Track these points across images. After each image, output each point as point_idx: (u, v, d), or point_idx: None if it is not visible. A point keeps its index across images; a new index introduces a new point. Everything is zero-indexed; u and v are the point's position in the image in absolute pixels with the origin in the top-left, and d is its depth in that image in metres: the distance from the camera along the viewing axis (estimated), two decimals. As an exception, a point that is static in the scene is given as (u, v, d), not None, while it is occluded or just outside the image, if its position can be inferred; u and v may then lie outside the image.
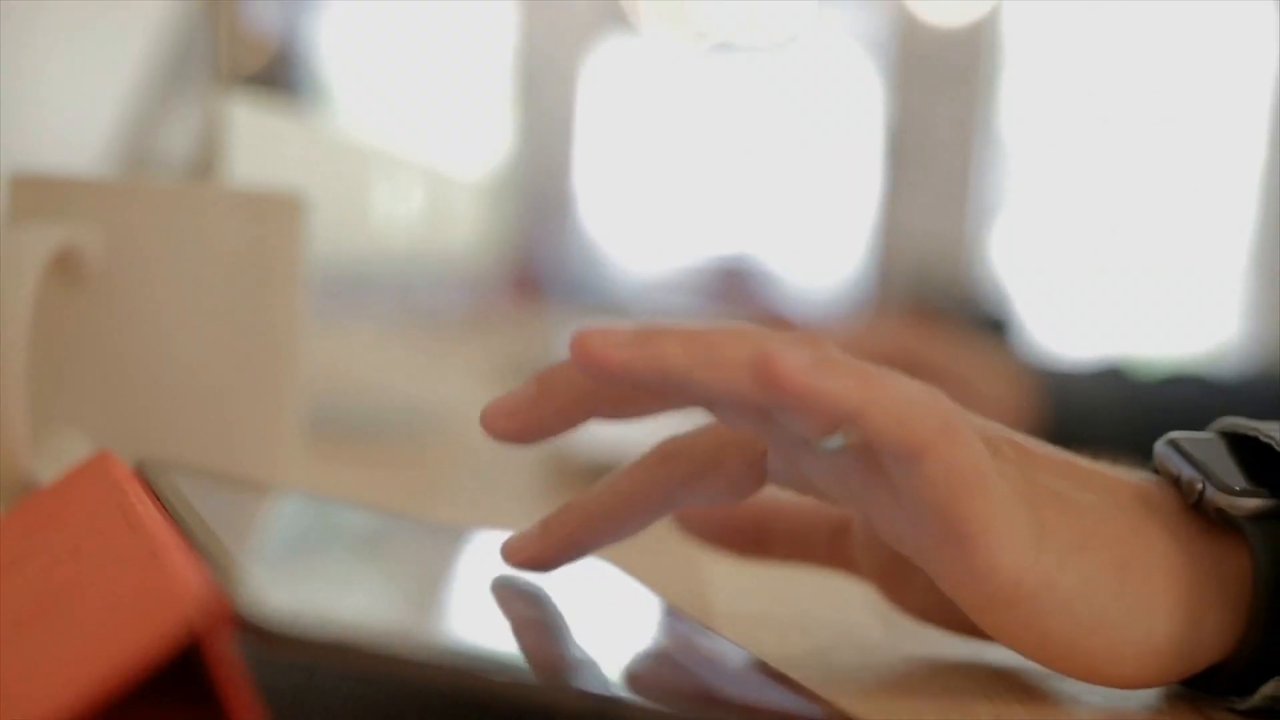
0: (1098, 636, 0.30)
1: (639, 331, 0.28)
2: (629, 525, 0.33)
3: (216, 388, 0.40)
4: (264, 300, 0.40)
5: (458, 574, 0.32)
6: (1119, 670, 0.31)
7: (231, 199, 0.40)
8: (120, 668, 0.19)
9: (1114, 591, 0.30)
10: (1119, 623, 0.30)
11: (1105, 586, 0.30)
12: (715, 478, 0.33)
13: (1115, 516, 0.31)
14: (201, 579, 0.21)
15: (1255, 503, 0.30)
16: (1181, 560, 0.31)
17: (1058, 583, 0.30)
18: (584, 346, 0.28)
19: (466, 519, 0.51)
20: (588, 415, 0.31)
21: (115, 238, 0.38)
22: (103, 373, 0.39)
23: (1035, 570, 0.30)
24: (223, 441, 0.40)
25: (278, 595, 0.22)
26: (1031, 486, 0.31)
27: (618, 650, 0.28)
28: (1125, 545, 0.31)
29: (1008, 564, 0.29)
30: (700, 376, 0.28)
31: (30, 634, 0.22)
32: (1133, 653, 0.30)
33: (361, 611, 0.23)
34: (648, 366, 0.28)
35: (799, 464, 0.32)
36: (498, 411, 0.31)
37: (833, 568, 0.38)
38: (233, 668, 0.20)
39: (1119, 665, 0.31)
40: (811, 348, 0.29)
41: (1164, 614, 0.30)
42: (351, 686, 0.24)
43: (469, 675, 0.22)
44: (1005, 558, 0.29)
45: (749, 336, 0.28)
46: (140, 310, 0.39)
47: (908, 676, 0.35)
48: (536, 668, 0.23)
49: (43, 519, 0.30)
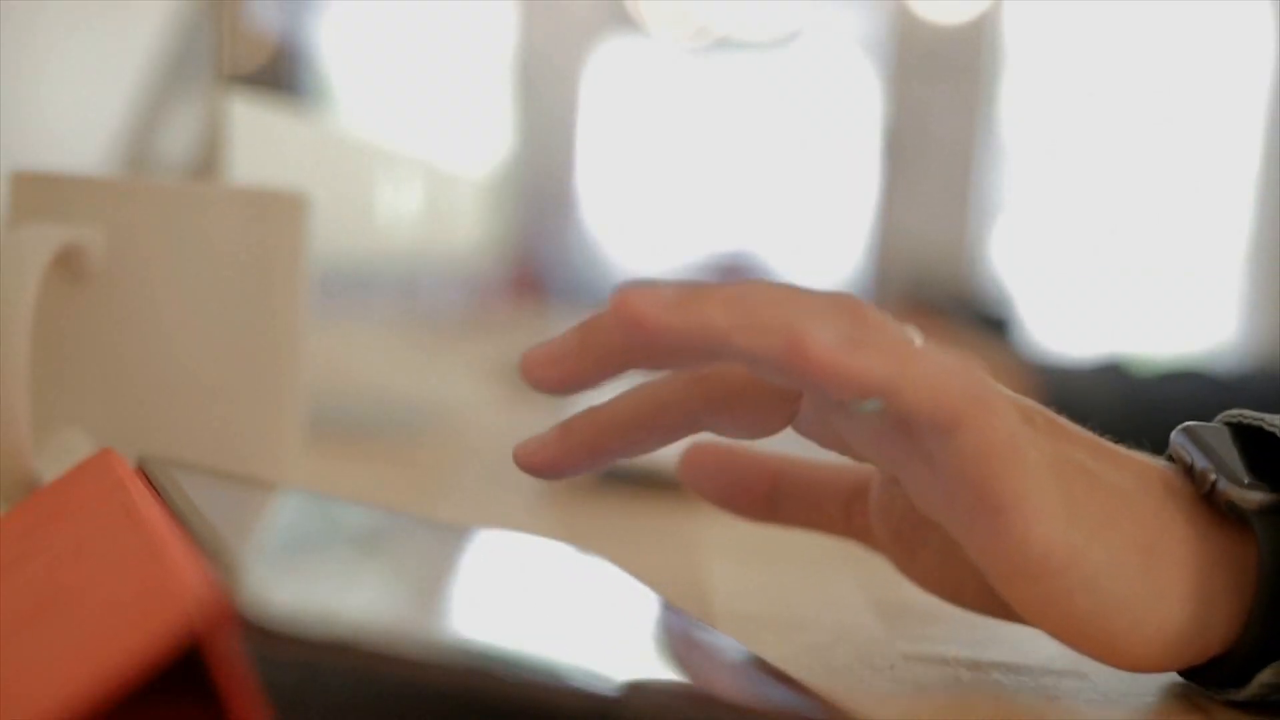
0: (1119, 615, 0.30)
1: (680, 292, 0.29)
2: (650, 439, 0.32)
3: (218, 386, 0.40)
4: (266, 299, 0.41)
5: (461, 572, 0.32)
6: (1135, 651, 0.31)
7: (233, 198, 0.40)
8: (121, 667, 0.19)
9: (1139, 571, 0.30)
10: (1140, 603, 0.31)
11: (1131, 565, 0.30)
12: (743, 408, 0.32)
13: (1142, 498, 0.31)
14: (203, 577, 0.22)
15: (1260, 496, 0.31)
16: (1199, 547, 0.31)
17: (1085, 558, 0.30)
18: (626, 306, 0.28)
19: (467, 519, 0.51)
20: (628, 367, 0.30)
21: (117, 237, 0.38)
22: (104, 371, 0.39)
23: (1065, 544, 0.30)
24: (224, 440, 0.40)
25: (280, 593, 0.22)
26: (1062, 460, 0.31)
27: (619, 649, 0.28)
28: (1150, 527, 0.31)
29: (1038, 536, 0.29)
30: (739, 341, 0.28)
31: (31, 633, 0.22)
32: (1151, 634, 0.31)
33: (364, 610, 0.23)
34: (687, 329, 0.28)
35: (833, 421, 0.32)
36: (538, 360, 0.30)
37: (844, 535, 0.38)
38: (234, 666, 0.20)
39: (1136, 646, 0.31)
40: (849, 315, 0.29)
41: (1181, 598, 0.31)
42: (354, 685, 0.24)
43: (472, 674, 0.22)
44: (1036, 529, 0.29)
45: (788, 302, 0.29)
46: (142, 309, 0.39)
47: (907, 675, 0.35)
48: (539, 667, 0.23)
49: (44, 518, 0.31)
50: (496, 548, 0.36)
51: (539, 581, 0.33)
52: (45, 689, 0.20)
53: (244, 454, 0.40)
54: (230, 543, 0.25)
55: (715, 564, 0.47)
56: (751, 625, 0.39)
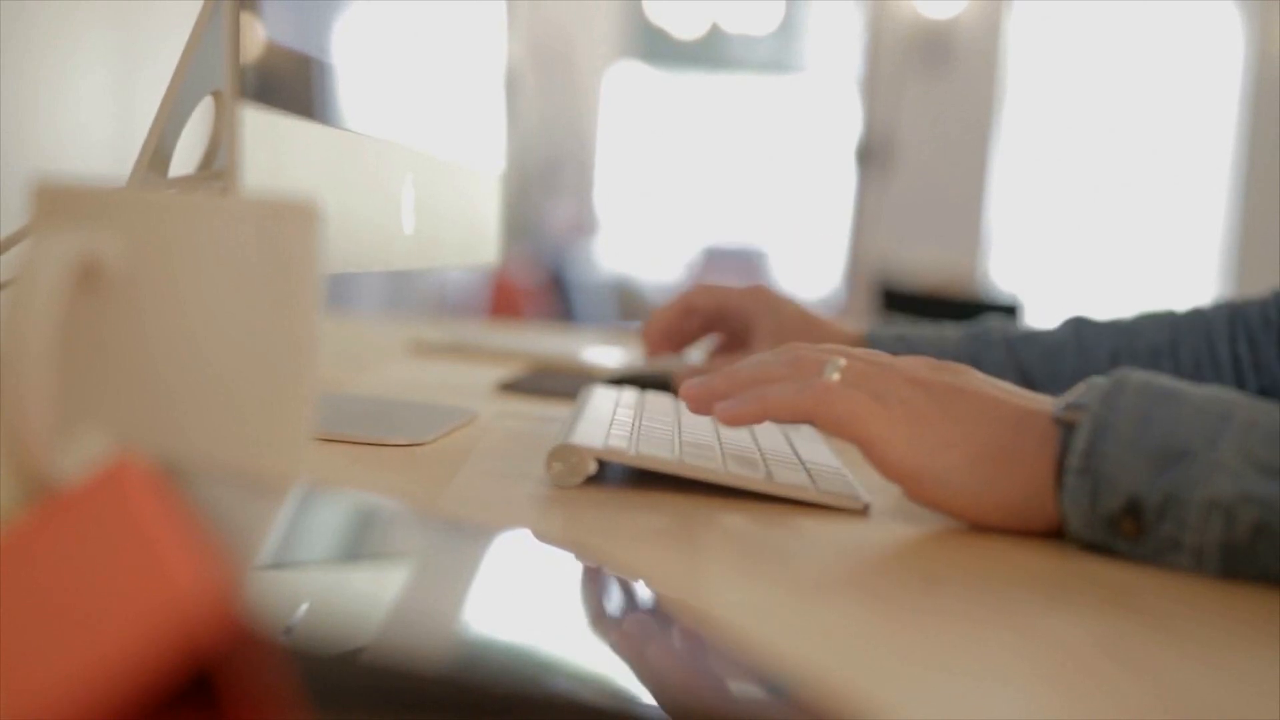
0: (965, 496, 0.54)
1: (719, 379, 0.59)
2: None
3: (234, 389, 0.41)
4: (280, 304, 0.42)
5: (470, 576, 0.33)
6: (985, 517, 0.54)
7: (248, 206, 0.41)
8: (119, 673, 0.20)
9: (969, 471, 0.54)
10: (977, 488, 0.54)
11: (962, 468, 0.54)
12: None
13: (981, 427, 0.54)
14: (212, 583, 0.22)
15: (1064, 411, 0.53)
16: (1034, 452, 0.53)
17: (929, 467, 0.54)
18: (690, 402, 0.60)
19: (468, 518, 0.52)
20: None
21: (135, 245, 0.39)
22: (123, 375, 0.40)
23: (912, 460, 0.54)
24: (239, 441, 0.41)
25: (289, 597, 0.22)
26: (911, 417, 0.55)
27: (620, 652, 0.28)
28: (984, 444, 0.54)
29: (894, 459, 0.54)
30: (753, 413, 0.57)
31: (35, 635, 0.23)
32: (990, 508, 0.54)
33: (374, 615, 0.23)
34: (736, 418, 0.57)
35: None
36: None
37: None
38: (242, 672, 0.20)
39: (984, 513, 0.54)
40: (797, 370, 0.58)
41: (1009, 486, 0.54)
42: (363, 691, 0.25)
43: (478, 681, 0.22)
44: (891, 455, 0.54)
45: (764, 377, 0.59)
46: (160, 315, 0.40)
47: (904, 670, 0.36)
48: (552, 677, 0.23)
49: (59, 521, 0.31)
50: (502, 549, 0.37)
51: (547, 586, 0.34)
52: (44, 689, 0.20)
53: (258, 455, 0.41)
54: (243, 546, 0.26)
55: (715, 564, 0.47)
56: (750, 623, 0.39)
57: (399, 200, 0.71)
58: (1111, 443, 0.51)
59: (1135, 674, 0.37)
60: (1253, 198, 4.57)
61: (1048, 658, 0.38)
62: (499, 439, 0.71)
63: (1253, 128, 4.58)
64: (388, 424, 0.71)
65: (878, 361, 0.58)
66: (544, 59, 5.01)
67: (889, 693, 0.34)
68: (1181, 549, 0.49)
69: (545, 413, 0.83)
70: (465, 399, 0.86)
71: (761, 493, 0.58)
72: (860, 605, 0.43)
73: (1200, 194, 4.76)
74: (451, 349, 1.21)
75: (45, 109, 0.96)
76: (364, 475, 0.59)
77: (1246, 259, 4.55)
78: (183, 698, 0.22)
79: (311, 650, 0.21)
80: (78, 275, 0.39)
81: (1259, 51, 4.58)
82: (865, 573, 0.48)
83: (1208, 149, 4.75)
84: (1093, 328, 0.84)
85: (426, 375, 1.02)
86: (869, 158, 4.52)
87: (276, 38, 0.56)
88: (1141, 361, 0.80)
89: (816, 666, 0.35)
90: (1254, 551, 0.48)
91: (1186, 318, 0.83)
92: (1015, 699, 0.35)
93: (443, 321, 1.80)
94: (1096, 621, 0.43)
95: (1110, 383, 0.53)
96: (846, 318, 4.10)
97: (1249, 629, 0.44)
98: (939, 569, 0.49)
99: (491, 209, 0.93)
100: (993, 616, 0.42)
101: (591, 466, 0.58)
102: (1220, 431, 0.49)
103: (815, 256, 5.32)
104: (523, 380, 0.97)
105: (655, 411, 0.72)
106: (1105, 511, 0.51)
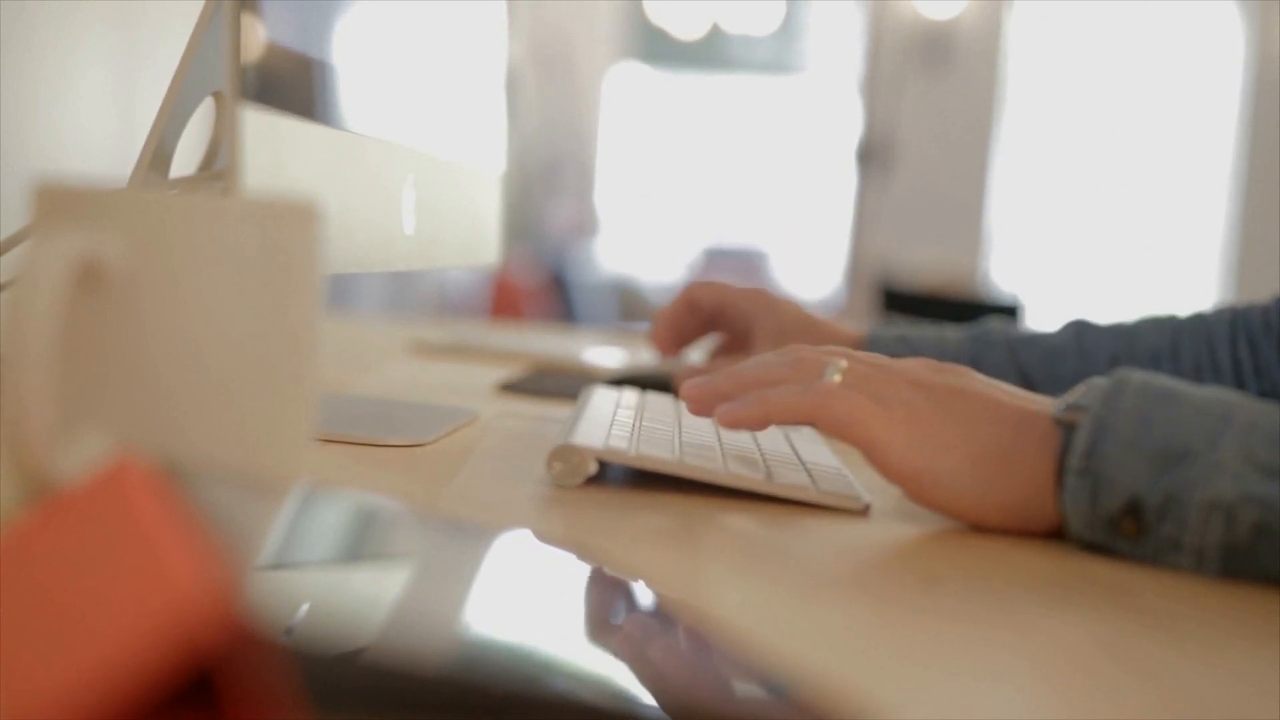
0: (965, 498, 0.55)
1: (721, 388, 0.59)
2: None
3: (234, 390, 0.41)
4: (280, 304, 0.42)
5: (470, 576, 0.33)
6: (984, 519, 0.55)
7: (248, 207, 0.41)
8: (126, 673, 0.20)
9: (969, 473, 0.54)
10: (977, 490, 0.54)
11: (963, 470, 0.54)
12: None
13: (982, 428, 0.55)
14: (212, 584, 0.22)
15: (1065, 412, 0.53)
16: (1034, 453, 0.53)
17: (929, 469, 0.54)
18: (691, 404, 0.60)
19: (469, 518, 0.52)
20: None
21: (136, 245, 0.40)
22: (124, 376, 0.40)
23: (913, 463, 0.54)
24: (240, 441, 0.41)
25: (290, 598, 0.22)
26: (911, 419, 0.55)
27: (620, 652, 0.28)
28: (984, 445, 0.54)
29: (894, 460, 0.55)
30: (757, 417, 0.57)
31: (35, 635, 0.23)
32: (989, 509, 0.54)
33: (375, 616, 0.23)
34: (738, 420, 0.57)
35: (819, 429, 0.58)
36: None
37: None
38: (243, 673, 0.20)
39: (983, 515, 0.55)
40: (797, 372, 0.58)
41: (1008, 487, 0.54)
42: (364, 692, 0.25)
43: (478, 682, 0.22)
44: (892, 457, 0.55)
45: (766, 378, 0.59)
46: (160, 315, 0.40)
47: (904, 670, 0.36)
48: (552, 677, 0.23)
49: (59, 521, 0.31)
50: (502, 550, 0.37)
51: (547, 587, 0.34)
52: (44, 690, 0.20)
53: (259, 455, 0.41)
54: (244, 547, 0.26)
55: (715, 564, 0.47)
56: (751, 624, 0.40)
57: (399, 201, 0.71)
58: (1112, 443, 0.51)
59: (1135, 674, 0.37)
60: (1253, 198, 4.57)
61: (1048, 658, 0.38)
62: (499, 439, 0.71)
63: (1253, 128, 4.59)
64: (388, 424, 0.71)
65: (878, 364, 0.58)
66: (544, 59, 5.01)
67: (889, 693, 0.34)
68: (1182, 549, 0.49)
69: (546, 413, 0.83)
70: (466, 399, 0.86)
71: (762, 493, 0.58)
72: (860, 605, 0.43)
73: (1201, 194, 4.77)
74: (452, 349, 1.21)
75: (45, 109, 0.96)
76: (364, 475, 0.59)
77: (1247, 259, 4.55)
78: (183, 698, 0.22)
79: (312, 650, 0.21)
80: (78, 276, 0.39)
81: (1259, 52, 4.59)
82: (865, 573, 0.48)
83: (1208, 149, 4.75)
84: (1094, 331, 0.84)
85: (427, 375, 1.02)
86: (869, 158, 4.52)
87: (277, 38, 0.56)
88: (1142, 365, 0.80)
89: (816, 666, 0.35)
90: (1254, 552, 0.48)
91: (1187, 322, 0.83)
92: (1015, 699, 0.35)
93: (443, 322, 1.80)
94: (1097, 621, 0.43)
95: (1110, 383, 0.53)
96: (847, 318, 4.10)
97: (1249, 629, 0.44)
98: (939, 569, 0.49)
99: (492, 209, 0.93)
100: (993, 616, 0.42)
101: (592, 467, 0.58)
102: (1221, 432, 0.49)
103: (816, 257, 5.32)
104: (523, 380, 0.97)
105: (656, 412, 0.72)
106: (1105, 512, 0.51)
